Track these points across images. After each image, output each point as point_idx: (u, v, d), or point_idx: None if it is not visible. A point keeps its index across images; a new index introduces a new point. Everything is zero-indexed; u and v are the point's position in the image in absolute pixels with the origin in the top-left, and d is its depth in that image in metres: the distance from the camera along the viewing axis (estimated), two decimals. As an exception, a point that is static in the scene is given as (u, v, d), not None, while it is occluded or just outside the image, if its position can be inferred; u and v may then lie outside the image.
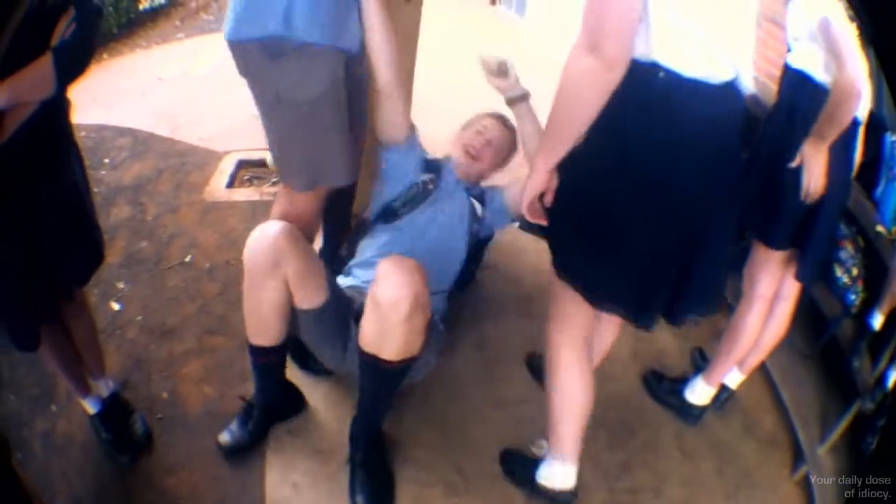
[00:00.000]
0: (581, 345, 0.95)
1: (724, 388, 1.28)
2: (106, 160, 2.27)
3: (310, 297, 1.07)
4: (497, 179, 1.44)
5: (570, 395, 0.98)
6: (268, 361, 1.17)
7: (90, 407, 1.41)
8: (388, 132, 1.20)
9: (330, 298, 1.09)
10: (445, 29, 1.20)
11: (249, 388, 1.30)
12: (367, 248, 1.25)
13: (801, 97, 1.03)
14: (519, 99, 1.17)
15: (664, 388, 1.26)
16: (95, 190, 2.14)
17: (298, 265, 1.04)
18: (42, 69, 0.87)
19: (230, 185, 2.03)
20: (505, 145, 1.31)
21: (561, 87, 0.69)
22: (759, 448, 1.23)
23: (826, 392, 1.33)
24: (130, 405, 1.42)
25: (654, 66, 0.69)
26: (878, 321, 1.23)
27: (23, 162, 0.93)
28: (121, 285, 1.70)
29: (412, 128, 1.25)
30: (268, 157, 1.95)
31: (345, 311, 1.14)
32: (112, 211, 1.97)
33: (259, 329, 1.11)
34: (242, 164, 2.16)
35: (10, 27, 0.78)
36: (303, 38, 0.93)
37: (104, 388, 1.42)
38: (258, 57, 0.95)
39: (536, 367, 1.34)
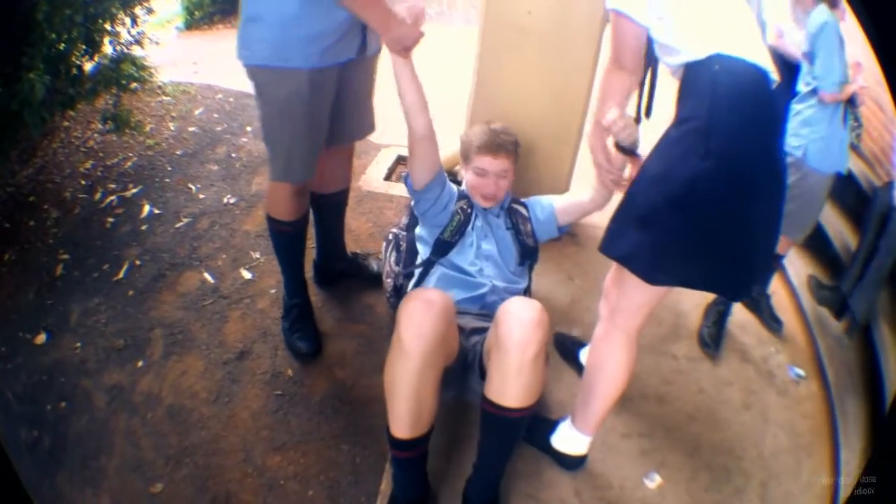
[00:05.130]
0: (636, 334, 1.46)
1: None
2: (248, 128, 3.20)
3: (453, 357, 1.52)
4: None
5: (616, 382, 1.49)
6: (423, 452, 1.49)
7: None
8: (426, 175, 1.74)
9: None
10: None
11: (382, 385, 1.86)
12: (434, 283, 1.76)
13: None
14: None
15: None
16: (234, 156, 3.12)
17: (455, 330, 1.48)
18: None
19: (388, 177, 2.82)
20: (509, 164, 1.77)
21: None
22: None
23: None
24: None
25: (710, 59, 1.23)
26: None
27: None
28: (256, 255, 2.42)
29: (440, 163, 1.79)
30: None
31: (462, 356, 1.60)
32: (254, 180, 2.81)
33: (420, 417, 1.39)
34: (401, 160, 2.94)
35: None
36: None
37: None
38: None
39: (564, 347, 1.97)
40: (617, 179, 1.53)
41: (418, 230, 1.88)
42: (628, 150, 1.48)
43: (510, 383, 1.35)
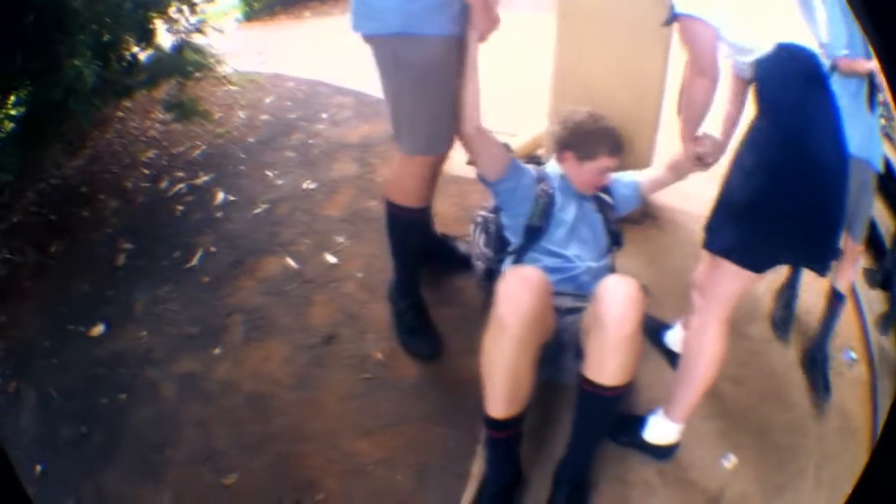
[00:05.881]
0: (728, 320, 1.75)
1: None
2: (323, 115, 3.65)
3: (549, 335, 1.76)
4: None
5: (713, 371, 1.76)
6: (518, 432, 1.76)
7: None
8: (493, 166, 2.05)
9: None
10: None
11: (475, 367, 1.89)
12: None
13: None
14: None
15: None
16: (311, 142, 3.53)
17: (551, 307, 1.73)
18: None
19: (471, 162, 3.22)
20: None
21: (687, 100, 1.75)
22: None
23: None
24: None
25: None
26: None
27: None
28: (340, 239, 2.76)
29: (507, 148, 2.10)
30: (511, 141, 3.17)
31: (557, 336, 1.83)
32: (335, 166, 3.20)
33: (517, 395, 1.66)
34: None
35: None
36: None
37: None
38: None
39: (648, 329, 2.14)
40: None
41: (503, 220, 2.16)
42: (706, 163, 1.97)
43: (608, 360, 1.59)
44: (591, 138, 2.08)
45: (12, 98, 3.18)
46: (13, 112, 3.22)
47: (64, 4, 2.86)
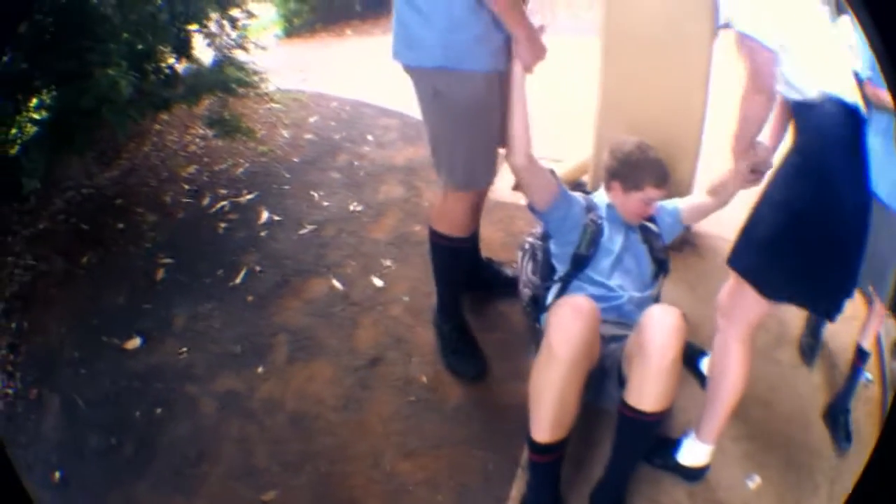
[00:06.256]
0: (750, 340, 1.88)
1: None
2: (369, 136, 3.87)
3: (595, 362, 1.88)
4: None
5: (737, 389, 1.89)
6: (560, 456, 1.90)
7: None
8: (543, 195, 2.15)
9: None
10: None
11: (523, 391, 2.02)
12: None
13: None
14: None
15: None
16: (356, 164, 3.74)
17: (599, 336, 1.85)
18: None
19: (516, 188, 3.18)
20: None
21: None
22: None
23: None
24: None
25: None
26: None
27: None
28: (387, 262, 2.93)
29: (555, 175, 2.19)
30: (556, 167, 3.35)
31: (601, 363, 1.94)
32: (381, 188, 3.39)
33: (562, 421, 1.80)
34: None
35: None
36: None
37: None
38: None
39: (684, 355, 2.38)
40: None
41: (552, 247, 2.30)
42: (760, 172, 2.08)
43: (649, 387, 1.74)
44: (637, 169, 2.21)
45: (34, 101, 3.23)
46: (36, 116, 3.26)
47: (89, 8, 2.93)
